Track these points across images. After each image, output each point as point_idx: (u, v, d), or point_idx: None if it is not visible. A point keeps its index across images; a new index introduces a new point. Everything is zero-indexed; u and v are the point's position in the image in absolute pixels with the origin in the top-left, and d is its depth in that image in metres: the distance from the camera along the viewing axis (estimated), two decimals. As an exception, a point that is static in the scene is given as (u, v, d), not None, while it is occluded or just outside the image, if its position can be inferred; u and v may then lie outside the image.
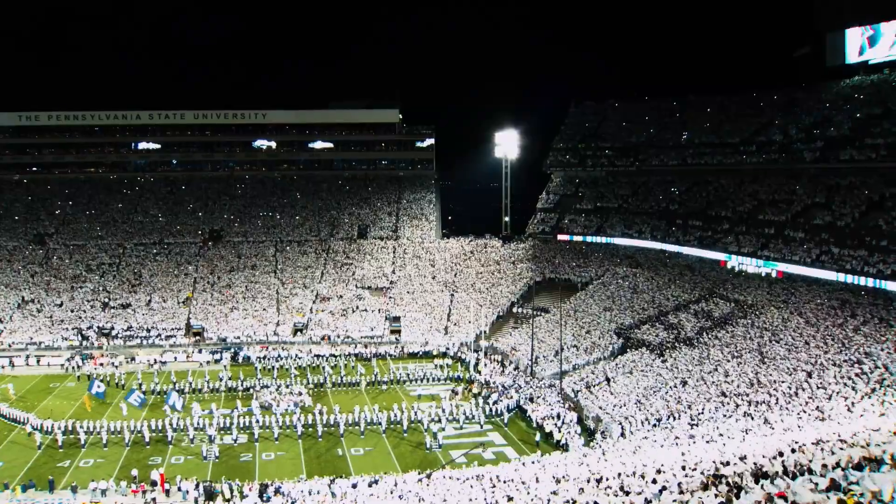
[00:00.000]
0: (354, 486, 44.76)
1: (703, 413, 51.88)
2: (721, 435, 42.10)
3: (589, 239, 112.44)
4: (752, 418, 46.15)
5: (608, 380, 67.40)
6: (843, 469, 16.83)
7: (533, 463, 46.08)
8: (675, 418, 53.25)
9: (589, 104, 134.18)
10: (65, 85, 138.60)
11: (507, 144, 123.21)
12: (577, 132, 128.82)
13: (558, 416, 61.80)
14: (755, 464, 21.45)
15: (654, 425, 53.36)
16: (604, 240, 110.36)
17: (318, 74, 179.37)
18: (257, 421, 63.08)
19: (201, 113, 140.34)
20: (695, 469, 24.24)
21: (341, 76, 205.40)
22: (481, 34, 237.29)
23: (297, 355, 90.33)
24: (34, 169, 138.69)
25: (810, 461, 19.73)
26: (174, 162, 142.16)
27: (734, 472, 20.52)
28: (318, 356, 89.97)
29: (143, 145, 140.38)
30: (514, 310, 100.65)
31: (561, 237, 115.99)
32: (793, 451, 23.11)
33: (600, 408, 60.82)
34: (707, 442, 40.17)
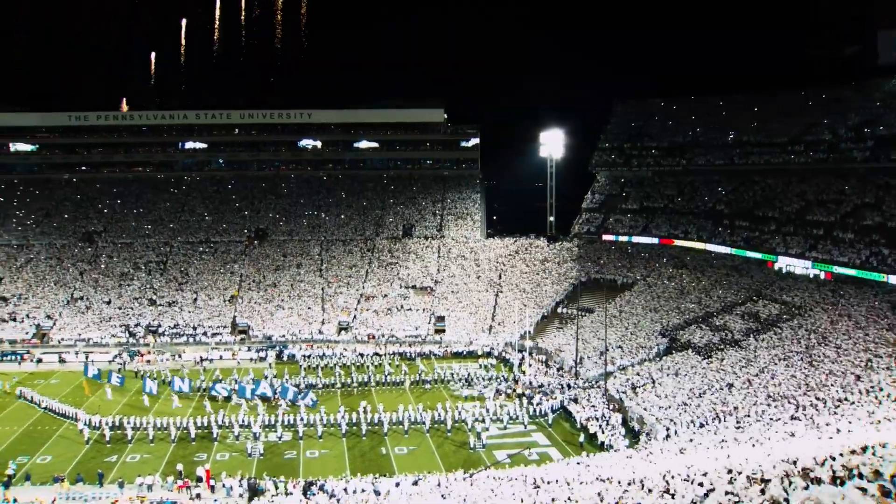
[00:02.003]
0: (398, 484, 44.80)
1: (749, 416, 51.28)
2: (768, 438, 41.59)
3: (634, 239, 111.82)
4: (800, 421, 45.56)
5: (653, 381, 66.87)
6: (892, 475, 16.54)
7: (577, 464, 45.85)
8: (721, 421, 52.70)
9: (634, 103, 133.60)
10: (113, 85, 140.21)
11: (552, 144, 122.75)
12: (623, 131, 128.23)
13: (603, 418, 61.48)
14: (803, 468, 21.16)
15: (700, 427, 52.87)
16: (649, 240, 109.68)
17: (362, 73, 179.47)
18: (302, 419, 63.38)
19: (247, 113, 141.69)
20: (741, 472, 23.95)
21: (386, 75, 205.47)
22: (526, 32, 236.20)
23: (341, 354, 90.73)
24: (83, 168, 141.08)
25: (860, 466, 19.42)
26: (220, 161, 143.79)
27: (781, 476, 20.26)
28: (362, 355, 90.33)
29: (189, 145, 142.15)
30: (559, 310, 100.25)
31: (606, 237, 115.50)
32: (841, 455, 22.76)
33: (645, 409, 60.37)
34: (753, 445, 39.71)
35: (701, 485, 23.57)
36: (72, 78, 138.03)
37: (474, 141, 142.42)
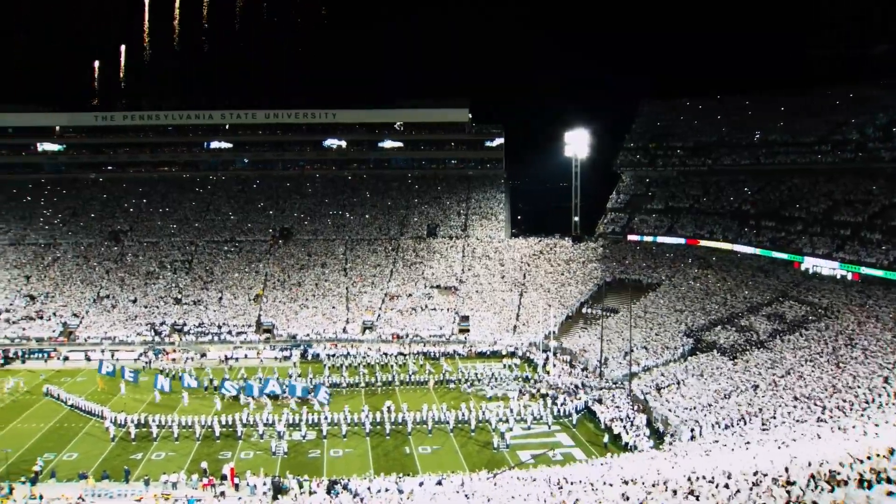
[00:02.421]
0: (421, 484, 44.84)
1: (775, 417, 50.95)
2: (794, 440, 41.32)
3: (659, 239, 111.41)
4: (827, 424, 45.22)
5: (678, 382, 66.60)
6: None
7: (601, 465, 45.74)
8: (746, 422, 52.40)
9: (659, 103, 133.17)
10: (138, 85, 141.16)
11: (577, 143, 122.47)
12: (648, 131, 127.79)
13: (627, 418, 61.29)
14: (830, 471, 21.04)
15: (725, 429, 52.59)
16: (674, 240, 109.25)
17: (387, 73, 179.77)
18: (326, 417, 63.56)
19: (272, 112, 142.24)
20: (766, 474, 23.84)
21: (411, 74, 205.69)
22: (551, 32, 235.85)
23: (365, 353, 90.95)
24: (110, 168, 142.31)
25: (887, 470, 19.29)
26: (245, 161, 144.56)
27: (807, 479, 20.16)
28: (386, 354, 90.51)
29: (215, 144, 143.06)
30: (584, 310, 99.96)
31: (631, 237, 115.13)
32: (868, 458, 22.61)
33: (670, 410, 60.11)
34: (779, 447, 39.46)
35: (726, 486, 23.50)
36: (97, 78, 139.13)
37: (499, 140, 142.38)
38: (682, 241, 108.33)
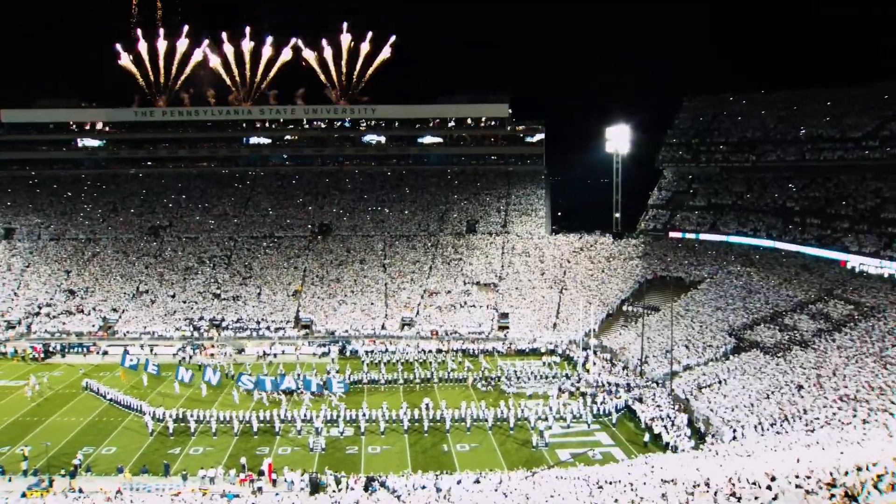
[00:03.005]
0: (459, 482, 44.91)
1: (819, 418, 50.42)
2: (839, 442, 40.87)
3: (702, 236, 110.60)
4: (872, 425, 44.68)
5: (720, 381, 66.09)
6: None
7: (642, 465, 45.53)
8: (789, 423, 51.91)
9: (703, 98, 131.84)
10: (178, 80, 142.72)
11: (619, 139, 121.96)
12: (691, 127, 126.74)
13: (668, 418, 60.97)
14: (877, 474, 20.81)
15: (768, 430, 52.13)
16: (717, 237, 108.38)
17: (426, 68, 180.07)
18: (364, 414, 63.82)
19: (311, 108, 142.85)
20: (810, 476, 23.61)
21: (450, 70, 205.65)
22: (592, 27, 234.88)
23: (404, 350, 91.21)
24: (149, 163, 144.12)
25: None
26: (284, 156, 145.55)
27: (852, 481, 19.96)
28: (424, 351, 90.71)
29: (254, 140, 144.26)
30: (624, 308, 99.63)
31: (673, 234, 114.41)
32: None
33: (711, 410, 59.68)
34: (823, 449, 39.06)
35: (769, 489, 23.31)
36: (136, 76, 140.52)
37: (539, 136, 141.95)
38: (724, 238, 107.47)
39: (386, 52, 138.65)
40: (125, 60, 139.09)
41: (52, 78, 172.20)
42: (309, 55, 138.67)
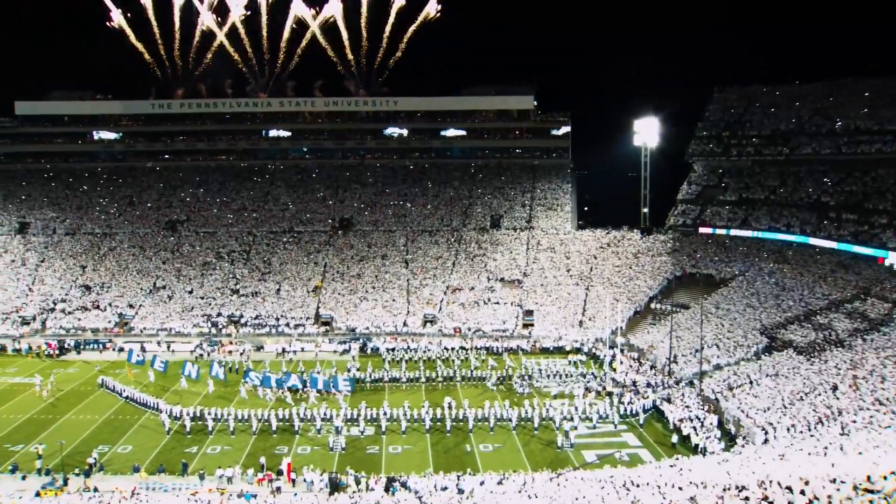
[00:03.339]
0: (482, 483, 44.92)
1: (856, 421, 50.00)
2: (876, 446, 40.53)
3: (733, 232, 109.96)
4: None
5: (751, 382, 65.68)
6: None
7: (670, 467, 45.37)
8: (824, 426, 51.51)
9: (734, 89, 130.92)
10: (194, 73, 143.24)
11: (647, 132, 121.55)
12: (721, 119, 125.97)
13: (697, 419, 60.66)
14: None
15: (801, 432, 51.75)
16: (749, 233, 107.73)
17: (448, 59, 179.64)
18: (385, 413, 63.93)
19: (332, 100, 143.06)
20: (845, 482, 23.40)
21: (473, 61, 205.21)
22: (619, 16, 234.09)
23: (426, 347, 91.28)
24: (166, 156, 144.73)
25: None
26: (304, 150, 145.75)
27: (891, 487, 19.76)
28: (447, 349, 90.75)
29: (273, 133, 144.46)
30: (652, 305, 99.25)
31: (703, 230, 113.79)
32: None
33: (742, 411, 59.31)
34: (860, 453, 38.74)
35: (802, 493, 23.12)
36: (152, 65, 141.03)
37: (565, 129, 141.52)
38: (756, 233, 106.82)
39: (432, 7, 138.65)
40: (118, 18, 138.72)
41: (66, 69, 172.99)
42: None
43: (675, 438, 58.97)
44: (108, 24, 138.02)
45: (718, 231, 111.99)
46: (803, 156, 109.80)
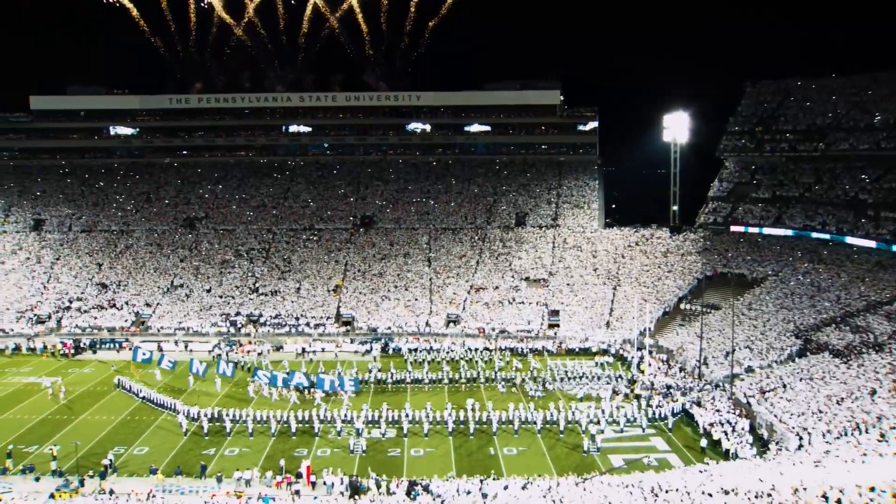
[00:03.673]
0: (506, 487, 44.83)
1: (895, 428, 49.52)
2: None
3: (765, 231, 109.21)
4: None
5: (784, 385, 65.19)
6: None
7: (699, 472, 45.11)
8: (861, 432, 51.01)
9: (767, 83, 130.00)
10: (213, 67, 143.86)
11: (677, 127, 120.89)
12: (754, 114, 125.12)
13: (728, 423, 60.22)
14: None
15: (837, 438, 51.25)
16: (783, 232, 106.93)
17: (472, 53, 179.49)
18: (407, 415, 63.85)
19: (353, 95, 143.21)
20: (885, 490, 23.09)
21: (498, 55, 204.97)
22: (648, 7, 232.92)
23: (449, 348, 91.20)
24: (184, 152, 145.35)
25: None
26: (325, 145, 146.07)
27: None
28: (471, 350, 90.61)
29: (293, 128, 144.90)
30: (682, 306, 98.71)
31: (734, 228, 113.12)
32: None
33: (775, 416, 58.86)
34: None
35: (838, 502, 22.83)
36: (169, 59, 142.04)
37: (592, 124, 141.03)
38: (790, 232, 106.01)
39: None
40: None
41: (82, 64, 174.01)
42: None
43: (704, 443, 58.54)
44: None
45: (751, 229, 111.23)
46: (840, 151, 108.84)
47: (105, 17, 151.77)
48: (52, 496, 48.11)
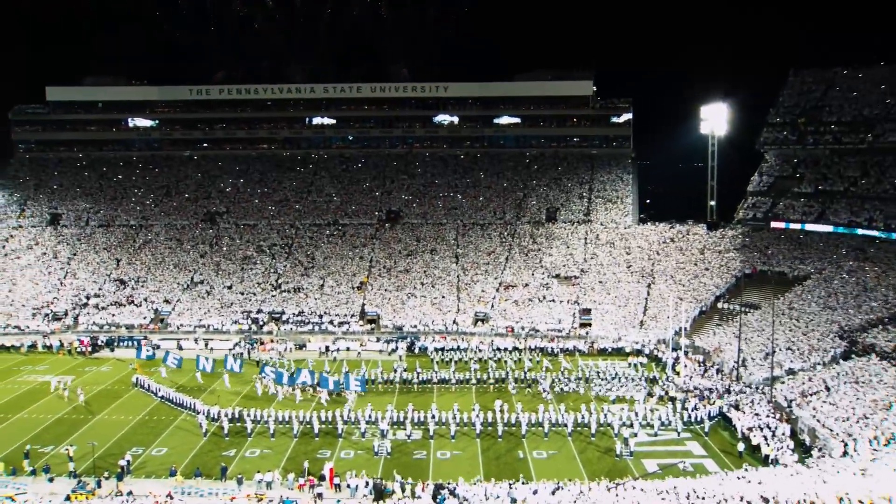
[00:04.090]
0: (535, 492, 44.61)
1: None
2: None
3: (808, 227, 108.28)
4: None
5: (828, 389, 64.57)
6: None
7: (737, 479, 44.73)
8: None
9: (811, 72, 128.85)
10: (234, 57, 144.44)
11: (715, 119, 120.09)
12: (797, 104, 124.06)
13: (767, 427, 59.69)
14: None
15: (886, 445, 50.64)
16: (826, 228, 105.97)
17: (501, 42, 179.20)
18: (433, 416, 63.75)
19: (378, 86, 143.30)
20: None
21: (529, 44, 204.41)
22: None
23: (477, 347, 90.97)
24: (205, 145, 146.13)
25: None
26: (350, 138, 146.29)
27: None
28: (499, 349, 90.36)
29: (317, 120, 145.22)
30: (719, 305, 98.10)
31: (775, 224, 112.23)
32: None
33: (818, 420, 58.29)
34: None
35: (886, 510, 22.40)
36: (190, 50, 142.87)
37: (626, 116, 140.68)
38: (834, 228, 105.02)
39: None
40: None
41: (99, 53, 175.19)
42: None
43: (742, 447, 58.05)
44: None
45: (792, 225, 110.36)
46: (888, 143, 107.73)
47: (123, 5, 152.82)
48: (67, 498, 48.29)
